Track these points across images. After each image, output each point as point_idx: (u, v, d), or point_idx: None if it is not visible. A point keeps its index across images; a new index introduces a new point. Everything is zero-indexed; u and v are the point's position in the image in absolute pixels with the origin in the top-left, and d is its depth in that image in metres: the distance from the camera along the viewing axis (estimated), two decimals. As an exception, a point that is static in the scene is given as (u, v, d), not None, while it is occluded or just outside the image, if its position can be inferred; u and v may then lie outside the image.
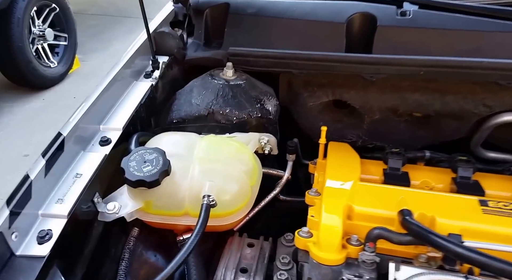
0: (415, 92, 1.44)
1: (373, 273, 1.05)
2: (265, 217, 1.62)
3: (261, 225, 1.56)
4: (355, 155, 1.40)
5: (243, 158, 1.29)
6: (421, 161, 1.46)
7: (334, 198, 1.19)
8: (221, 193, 1.18)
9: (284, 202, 1.62)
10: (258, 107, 1.47)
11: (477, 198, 1.17)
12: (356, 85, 1.49)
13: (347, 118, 1.64)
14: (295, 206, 1.63)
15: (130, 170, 1.10)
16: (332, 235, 1.10)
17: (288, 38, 1.52)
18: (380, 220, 1.13)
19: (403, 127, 1.57)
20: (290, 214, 1.67)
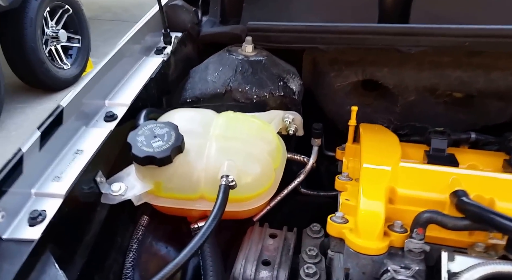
0: (457, 68, 1.29)
1: (421, 264, 0.88)
2: (285, 210, 1.47)
3: (280, 219, 1.40)
4: (392, 135, 1.24)
5: (266, 137, 1.14)
6: (465, 144, 1.29)
7: (374, 179, 1.04)
8: (242, 174, 1.03)
9: (305, 196, 1.47)
10: (280, 85, 1.32)
11: None
12: (390, 61, 1.34)
13: (377, 101, 1.49)
14: (316, 200, 1.50)
15: (138, 145, 0.96)
16: (373, 220, 0.94)
17: (313, 11, 1.38)
18: (427, 203, 0.97)
19: (441, 109, 1.41)
20: (310, 209, 1.52)
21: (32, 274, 0.75)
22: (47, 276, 0.76)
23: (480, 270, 0.80)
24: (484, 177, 1.05)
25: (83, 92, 1.06)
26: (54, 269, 0.76)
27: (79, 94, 1.05)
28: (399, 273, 0.87)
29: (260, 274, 1.10)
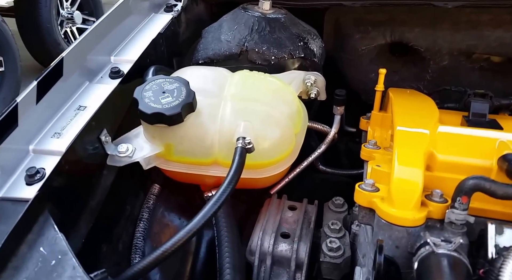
0: (498, 28, 1.18)
1: (464, 238, 0.78)
2: (302, 187, 1.37)
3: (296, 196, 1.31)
4: (427, 98, 1.13)
5: (286, 98, 1.04)
6: (506, 110, 1.18)
7: (409, 143, 0.93)
8: (260, 138, 0.93)
9: (323, 173, 1.37)
10: (301, 46, 1.21)
11: None
12: (423, 20, 1.23)
13: (406, 68, 1.38)
14: (334, 179, 1.40)
15: (145, 101, 0.87)
16: (409, 188, 0.83)
17: None
18: (472, 169, 0.86)
19: (477, 76, 1.30)
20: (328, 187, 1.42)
21: (28, 236, 0.67)
22: (45, 239, 0.67)
23: None
24: None
25: (86, 46, 0.97)
26: (53, 231, 0.68)
27: (82, 48, 0.96)
28: (439, 247, 0.76)
29: (279, 247, 1.01)
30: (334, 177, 1.39)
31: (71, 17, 4.17)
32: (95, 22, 1.05)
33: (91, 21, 4.48)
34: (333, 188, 1.38)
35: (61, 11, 4.09)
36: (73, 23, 4.23)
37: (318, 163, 1.35)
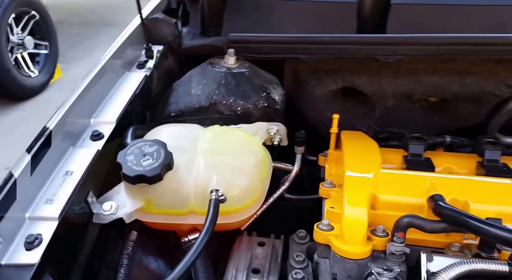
0: (432, 74, 1.36)
1: (402, 266, 0.94)
2: (270, 216, 1.50)
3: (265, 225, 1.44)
4: (372, 142, 1.30)
5: (252, 149, 1.17)
6: (441, 147, 1.36)
7: (356, 187, 1.08)
8: (230, 187, 1.05)
9: (288, 201, 1.50)
10: (264, 96, 1.35)
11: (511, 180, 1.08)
12: (369, 69, 1.39)
13: (357, 107, 1.54)
14: (299, 204, 1.53)
15: (128, 164, 0.97)
16: (357, 226, 0.99)
17: (293, 22, 1.41)
18: (407, 207, 1.03)
19: (418, 113, 1.48)
20: (294, 213, 1.56)
21: None
22: (48, 300, 0.76)
23: (456, 269, 0.86)
24: (459, 180, 1.12)
25: (68, 112, 1.06)
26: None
27: (64, 114, 1.05)
28: (382, 275, 0.92)
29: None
30: (299, 202, 1.52)
31: (21, 43, 4.12)
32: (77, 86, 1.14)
33: (43, 45, 4.42)
34: (299, 213, 1.52)
35: (11, 37, 4.02)
36: (24, 49, 4.17)
37: (284, 193, 1.48)
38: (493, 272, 0.85)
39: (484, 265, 0.85)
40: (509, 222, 0.94)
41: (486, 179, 1.12)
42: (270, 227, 1.46)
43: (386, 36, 1.27)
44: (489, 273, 0.85)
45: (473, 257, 0.93)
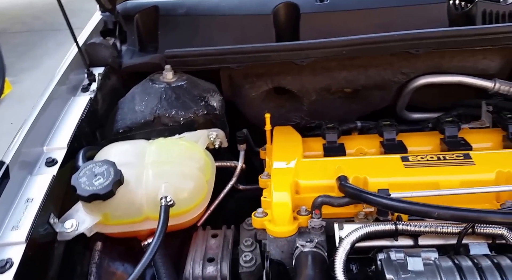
0: (343, 70, 1.57)
1: (322, 236, 1.15)
2: (227, 208, 1.66)
3: (224, 217, 1.60)
4: (297, 135, 1.49)
5: (194, 155, 1.32)
6: (355, 131, 1.59)
7: (281, 176, 1.27)
8: (178, 192, 1.21)
9: (244, 191, 1.66)
10: (203, 105, 1.50)
11: (400, 155, 1.30)
12: (291, 71, 1.57)
13: (288, 102, 1.72)
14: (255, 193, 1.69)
15: (81, 186, 1.10)
16: (283, 210, 1.18)
17: (222, 35, 1.57)
18: (323, 189, 1.23)
19: (338, 103, 1.70)
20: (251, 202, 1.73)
21: None
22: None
23: (356, 233, 1.06)
24: (361, 160, 1.34)
25: (22, 143, 1.17)
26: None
27: (18, 146, 1.16)
28: (305, 246, 1.12)
29: (207, 270, 1.28)
30: (254, 191, 1.69)
31: (-38, 60, 4.05)
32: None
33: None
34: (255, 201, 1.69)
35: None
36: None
37: (237, 184, 1.63)
38: (384, 231, 1.07)
39: (377, 227, 1.07)
40: (396, 189, 1.14)
41: (381, 156, 1.35)
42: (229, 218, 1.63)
43: (299, 43, 1.46)
44: (382, 232, 1.07)
45: (374, 221, 1.14)
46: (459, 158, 1.26)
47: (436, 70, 1.56)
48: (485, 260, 0.97)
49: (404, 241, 1.11)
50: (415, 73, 1.56)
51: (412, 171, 1.24)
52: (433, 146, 1.43)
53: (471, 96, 1.65)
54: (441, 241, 1.10)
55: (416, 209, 1.03)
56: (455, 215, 1.00)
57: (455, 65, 1.54)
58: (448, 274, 0.94)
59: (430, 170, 1.23)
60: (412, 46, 1.41)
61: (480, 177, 1.20)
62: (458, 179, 1.20)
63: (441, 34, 1.39)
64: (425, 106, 1.72)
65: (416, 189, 1.17)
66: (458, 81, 1.57)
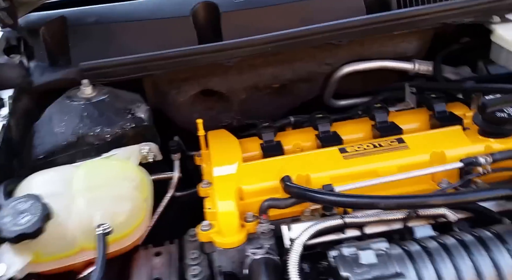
0: (268, 66, 1.56)
1: (271, 240, 1.13)
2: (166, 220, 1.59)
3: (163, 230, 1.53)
4: (232, 138, 1.45)
5: (128, 174, 1.24)
6: (289, 126, 1.58)
7: (224, 184, 1.24)
8: (115, 217, 1.13)
9: (181, 198, 1.59)
10: (130, 118, 1.41)
11: (337, 147, 1.32)
12: (217, 72, 1.53)
13: (218, 104, 1.69)
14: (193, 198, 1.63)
15: (6, 227, 0.99)
16: (230, 219, 1.15)
17: (140, 41, 1.48)
18: (267, 192, 1.22)
19: (267, 99, 1.69)
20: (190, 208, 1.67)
21: None
22: None
23: (307, 233, 1.06)
24: (301, 157, 1.33)
25: None
26: None
27: None
28: (256, 254, 1.10)
29: (155, 291, 1.23)
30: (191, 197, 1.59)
31: None
32: None
33: None
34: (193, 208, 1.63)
35: None
36: None
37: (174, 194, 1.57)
38: (333, 226, 1.09)
39: (326, 224, 1.08)
40: (339, 182, 1.17)
41: (320, 151, 1.35)
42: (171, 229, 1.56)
43: (224, 43, 1.42)
44: (331, 227, 1.09)
45: (321, 217, 1.16)
46: (393, 143, 1.30)
47: (358, 57, 1.60)
48: (431, 242, 1.01)
49: (351, 232, 1.13)
50: (339, 62, 1.59)
51: (351, 161, 1.26)
52: (365, 132, 1.46)
53: (393, 79, 1.72)
54: (386, 227, 1.13)
55: (363, 202, 1.05)
56: (400, 203, 1.03)
57: (376, 51, 1.59)
58: (399, 261, 0.96)
59: (368, 158, 1.26)
60: (334, 37, 1.42)
61: (416, 160, 1.24)
62: (395, 164, 1.24)
63: (361, 22, 1.41)
64: (351, 93, 1.76)
65: (357, 179, 1.20)
66: (380, 66, 1.62)
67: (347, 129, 1.46)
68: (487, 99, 1.23)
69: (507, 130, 1.26)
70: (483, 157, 1.17)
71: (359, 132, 1.46)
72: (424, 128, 1.46)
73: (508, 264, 0.94)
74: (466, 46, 1.71)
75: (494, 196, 1.08)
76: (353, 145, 1.31)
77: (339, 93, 1.72)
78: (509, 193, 1.06)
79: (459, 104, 1.53)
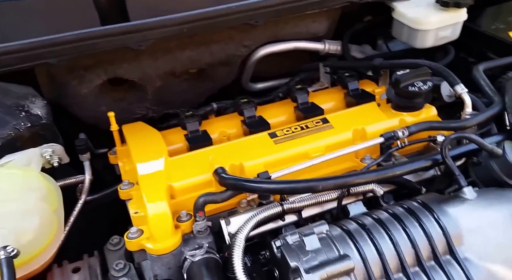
0: (185, 50, 1.43)
1: (209, 238, 1.06)
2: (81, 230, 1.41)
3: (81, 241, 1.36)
4: (153, 131, 1.32)
5: (32, 184, 1.06)
6: (212, 114, 1.50)
7: (152, 183, 1.12)
8: (21, 235, 0.96)
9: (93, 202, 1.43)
10: (23, 116, 1.20)
11: (267, 132, 1.28)
12: (127, 57, 1.37)
13: (129, 94, 1.53)
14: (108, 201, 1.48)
15: None
16: (163, 222, 1.04)
17: (30, 24, 1.24)
18: (201, 186, 1.13)
19: (185, 86, 1.57)
20: (106, 213, 1.51)
21: None
22: None
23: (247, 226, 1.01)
24: (231, 145, 1.26)
25: None
26: None
27: None
28: (195, 256, 1.01)
29: (79, 312, 1.08)
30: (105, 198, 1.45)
31: None
32: None
33: None
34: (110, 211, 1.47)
35: None
36: None
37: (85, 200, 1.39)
38: (273, 215, 1.05)
39: (265, 213, 1.04)
40: (274, 168, 1.14)
41: (251, 137, 1.29)
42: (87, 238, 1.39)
43: (133, 24, 1.24)
44: (271, 216, 1.05)
45: (258, 206, 1.11)
46: (319, 124, 1.29)
47: (274, 39, 1.56)
48: (367, 219, 1.03)
49: (289, 218, 1.10)
50: (256, 44, 1.54)
51: (282, 146, 1.23)
52: (288, 114, 1.44)
53: (306, 60, 1.72)
54: (321, 209, 1.13)
55: (302, 186, 1.03)
56: (337, 183, 1.03)
57: (289, 31, 1.56)
58: (342, 242, 0.96)
59: (298, 141, 1.24)
60: (251, 17, 1.35)
61: (340, 138, 1.26)
62: (323, 144, 1.24)
63: (276, 1, 1.36)
64: (267, 76, 1.73)
65: (290, 162, 1.18)
66: (294, 47, 1.60)
67: (272, 112, 1.43)
68: (399, 75, 1.28)
69: (418, 103, 1.33)
70: (400, 130, 1.22)
71: (283, 114, 1.44)
72: (341, 107, 1.49)
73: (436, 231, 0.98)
74: (369, 24, 1.77)
75: (417, 167, 1.13)
76: (282, 129, 1.28)
77: (256, 76, 1.68)
78: (428, 163, 1.12)
79: (368, 81, 1.59)
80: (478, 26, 1.60)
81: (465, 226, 0.98)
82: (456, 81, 1.28)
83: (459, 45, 1.57)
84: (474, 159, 1.12)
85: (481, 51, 1.57)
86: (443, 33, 1.51)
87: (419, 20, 1.47)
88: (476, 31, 1.58)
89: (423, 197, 1.09)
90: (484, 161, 1.10)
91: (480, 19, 1.67)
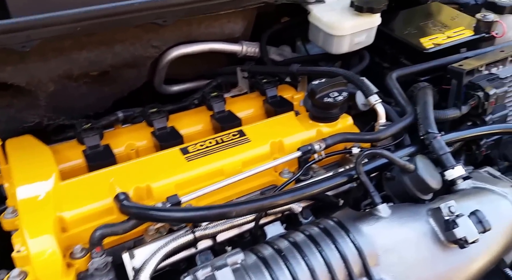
0: (82, 50, 1.26)
1: (110, 274, 0.94)
2: None
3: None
4: (42, 146, 1.15)
5: None
6: (118, 123, 1.36)
7: (34, 212, 0.95)
8: None
9: None
10: None
11: (178, 147, 1.17)
12: (11, 59, 1.17)
13: (17, 100, 1.32)
14: None
15: None
16: (50, 261, 0.89)
17: None
18: (99, 215, 1.00)
19: (85, 90, 1.39)
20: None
21: None
22: None
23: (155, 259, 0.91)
24: (136, 164, 1.12)
25: None
26: None
27: None
28: None
29: None
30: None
31: None
32: None
33: None
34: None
35: None
36: None
37: None
38: (184, 244, 0.95)
39: (175, 243, 0.94)
40: (184, 189, 1.05)
41: (160, 153, 1.17)
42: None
43: (11, 21, 1.05)
44: (181, 246, 0.95)
45: (168, 233, 1.00)
46: (235, 137, 1.21)
47: (186, 39, 1.43)
48: (283, 242, 0.97)
49: (203, 243, 1.01)
50: (166, 45, 1.40)
51: (195, 163, 1.13)
52: (204, 123, 1.35)
53: (223, 62, 1.62)
54: (237, 231, 1.06)
55: (214, 213, 0.93)
56: (251, 208, 0.96)
57: (203, 32, 1.45)
58: (256, 271, 0.89)
59: (212, 157, 1.15)
60: (158, 15, 1.22)
61: (258, 152, 1.19)
62: (239, 159, 1.16)
63: (186, 0, 1.23)
64: (183, 78, 1.61)
65: (203, 181, 1.09)
66: (209, 49, 1.49)
67: (185, 122, 1.32)
68: (315, 85, 1.24)
69: (334, 114, 1.30)
70: (317, 143, 1.18)
71: (198, 124, 1.34)
72: (260, 114, 1.43)
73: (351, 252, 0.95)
74: (287, 25, 1.72)
75: (332, 185, 1.09)
76: (195, 143, 1.17)
77: (171, 78, 1.54)
78: (344, 180, 1.09)
79: (287, 86, 1.55)
80: (392, 31, 1.60)
81: (380, 245, 0.96)
82: (370, 92, 1.27)
83: (374, 49, 1.57)
84: (387, 173, 1.11)
85: (394, 56, 1.58)
86: (358, 39, 1.49)
87: (334, 25, 1.43)
88: (389, 36, 1.59)
89: (339, 215, 1.05)
90: (397, 176, 1.09)
91: (393, 23, 1.68)
